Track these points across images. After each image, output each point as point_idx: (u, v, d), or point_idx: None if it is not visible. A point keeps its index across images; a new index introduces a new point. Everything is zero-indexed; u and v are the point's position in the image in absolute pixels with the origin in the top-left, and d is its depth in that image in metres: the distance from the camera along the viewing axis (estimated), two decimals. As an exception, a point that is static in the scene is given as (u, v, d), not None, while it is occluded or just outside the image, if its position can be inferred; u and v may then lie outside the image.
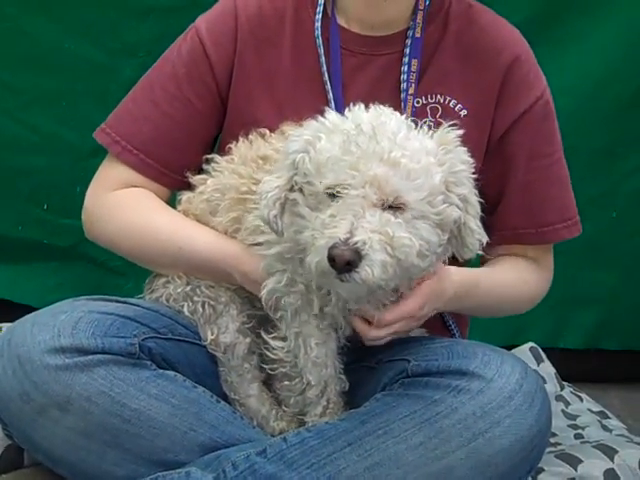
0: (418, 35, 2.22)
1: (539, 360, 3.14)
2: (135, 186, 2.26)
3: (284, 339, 1.98)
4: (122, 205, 2.24)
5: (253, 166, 2.04)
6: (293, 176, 1.77)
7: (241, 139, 2.13)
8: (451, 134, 1.79)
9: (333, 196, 1.70)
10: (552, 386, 3.06)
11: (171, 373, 1.97)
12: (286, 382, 2.01)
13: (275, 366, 2.02)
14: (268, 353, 2.01)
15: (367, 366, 2.10)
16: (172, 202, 2.29)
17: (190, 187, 2.22)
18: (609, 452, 2.31)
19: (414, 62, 2.21)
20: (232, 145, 2.14)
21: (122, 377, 1.89)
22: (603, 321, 3.62)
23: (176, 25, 2.40)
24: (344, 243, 1.63)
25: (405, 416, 1.84)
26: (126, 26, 3.06)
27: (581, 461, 2.29)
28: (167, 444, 1.91)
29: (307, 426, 1.96)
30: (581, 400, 3.03)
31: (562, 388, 3.08)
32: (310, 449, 1.85)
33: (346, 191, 1.68)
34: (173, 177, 2.24)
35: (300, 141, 1.78)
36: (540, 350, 3.19)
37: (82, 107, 3.04)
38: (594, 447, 2.36)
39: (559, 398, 3.01)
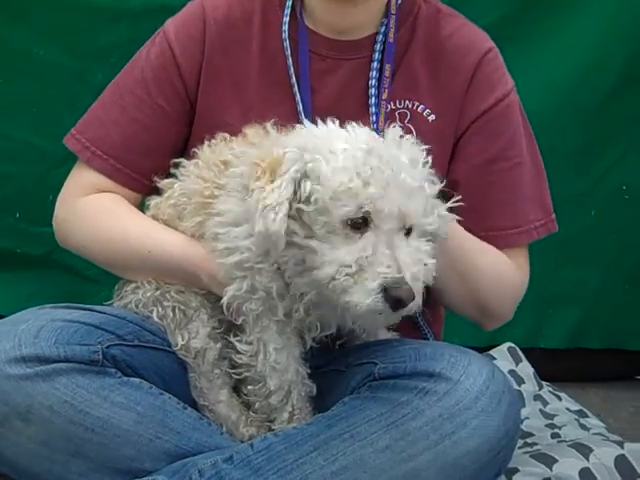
0: (391, 40, 2.21)
1: (517, 360, 3.12)
2: (105, 191, 2.25)
3: (249, 343, 1.97)
4: (92, 211, 2.23)
5: (215, 170, 2.03)
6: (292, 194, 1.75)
7: (205, 143, 2.11)
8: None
9: (356, 227, 1.70)
10: (531, 386, 3.05)
11: (136, 380, 1.94)
12: (251, 387, 2.00)
13: (241, 370, 2.00)
14: (234, 357, 2.00)
15: (336, 370, 2.08)
16: (143, 207, 2.28)
17: (160, 192, 2.19)
18: (584, 451, 2.29)
19: (387, 67, 2.20)
20: (196, 149, 2.13)
21: (85, 385, 1.86)
22: (584, 320, 3.63)
23: (148, 29, 2.38)
24: (403, 282, 1.65)
25: (371, 419, 1.82)
26: (97, 31, 3.07)
27: (556, 460, 2.25)
28: (132, 452, 1.89)
29: (274, 431, 1.94)
30: (560, 399, 3.02)
31: (541, 387, 3.07)
32: (277, 454, 1.84)
33: (376, 222, 1.69)
34: (143, 182, 2.23)
35: (299, 159, 1.75)
36: (518, 350, 3.17)
37: (53, 113, 3.02)
38: (569, 446, 2.33)
39: (537, 398, 3.00)
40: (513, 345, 3.19)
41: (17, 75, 3.06)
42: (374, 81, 2.19)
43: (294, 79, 2.21)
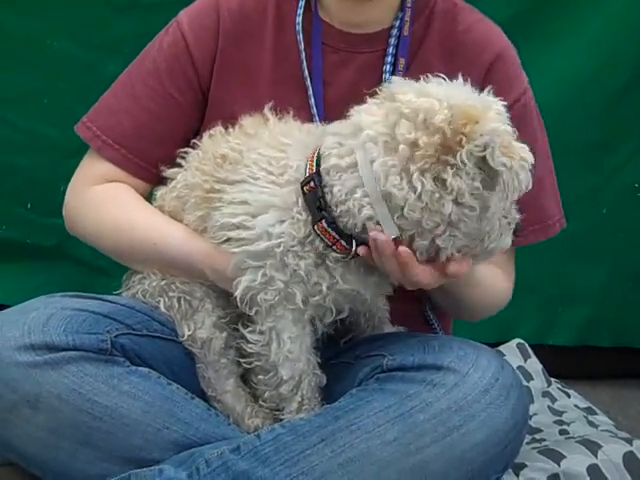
0: (406, 34, 2.20)
1: (526, 356, 3.12)
2: (115, 181, 2.25)
3: (261, 332, 1.96)
4: (100, 201, 2.23)
5: (214, 165, 2.03)
6: None
7: (206, 134, 2.12)
8: None
9: None
10: (539, 382, 3.04)
11: (145, 370, 1.94)
12: (261, 376, 2.00)
13: (252, 360, 2.00)
14: (244, 346, 1.99)
15: (345, 362, 2.09)
16: (152, 197, 2.29)
17: (166, 182, 2.21)
18: (593, 447, 2.28)
19: (401, 61, 2.19)
20: (197, 140, 2.13)
21: (93, 374, 1.86)
22: (593, 318, 3.61)
23: (159, 21, 2.37)
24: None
25: (379, 411, 1.81)
26: (108, 22, 3.06)
27: (564, 456, 2.26)
28: (140, 442, 1.89)
29: (282, 422, 1.94)
30: (568, 396, 3.01)
31: (549, 384, 3.06)
32: (283, 445, 1.83)
33: None
34: (153, 172, 2.22)
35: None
36: (527, 346, 3.17)
37: (65, 105, 3.02)
38: (578, 442, 2.33)
39: (546, 394, 2.99)
40: (522, 341, 3.19)
41: (29, 67, 3.05)
42: (388, 75, 2.18)
43: (306, 72, 2.20)
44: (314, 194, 1.84)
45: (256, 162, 1.96)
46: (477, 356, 1.87)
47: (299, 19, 2.22)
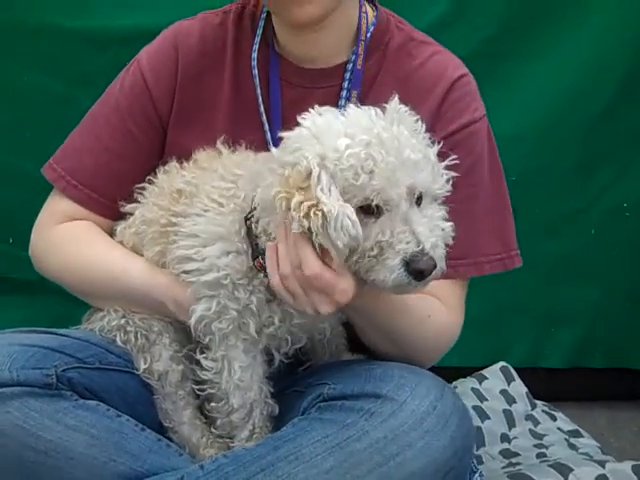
0: (359, 67, 2.21)
1: (510, 379, 3.11)
2: (79, 219, 2.28)
3: (214, 360, 2.00)
4: (63, 239, 2.26)
5: (170, 199, 2.06)
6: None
7: (160, 170, 2.15)
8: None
9: (370, 213, 1.72)
10: (522, 405, 3.04)
11: (92, 403, 1.96)
12: (214, 403, 2.02)
13: (205, 387, 2.03)
14: (199, 373, 2.02)
15: (297, 391, 2.09)
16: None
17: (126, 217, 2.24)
18: (564, 471, 2.30)
19: (354, 93, 2.19)
20: (151, 176, 2.17)
21: (37, 409, 1.88)
22: (585, 339, 3.58)
23: (134, 54, 2.40)
24: (423, 254, 1.68)
25: (317, 440, 1.81)
26: (85, 56, 3.09)
27: (534, 481, 2.23)
28: (85, 475, 1.90)
29: (225, 452, 1.95)
30: (554, 419, 3.01)
31: (534, 407, 3.05)
32: (225, 476, 1.84)
33: (387, 205, 1.71)
34: (117, 209, 2.25)
35: (319, 165, 1.74)
36: (511, 369, 3.16)
37: (43, 139, 3.01)
38: (549, 466, 2.34)
39: (529, 417, 2.99)
40: (506, 364, 3.18)
41: (7, 102, 3.10)
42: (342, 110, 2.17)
43: (262, 108, 2.21)
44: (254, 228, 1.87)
45: (208, 194, 2.00)
46: (417, 384, 1.86)
47: (254, 54, 2.24)
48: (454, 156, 1.87)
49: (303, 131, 1.80)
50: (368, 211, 1.73)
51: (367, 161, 1.70)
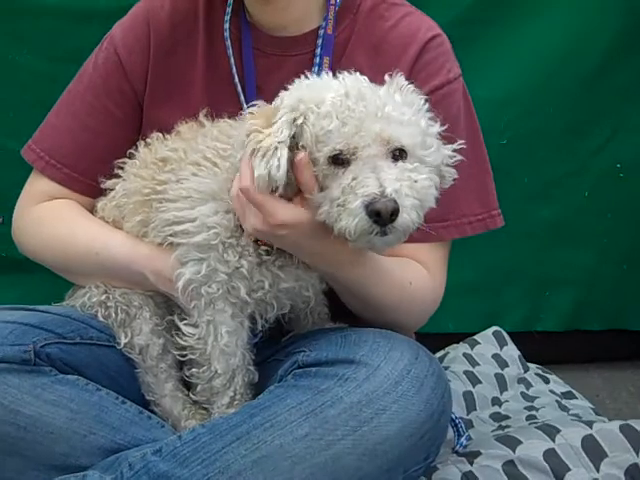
0: (330, 32, 2.20)
1: (502, 344, 3.11)
2: (60, 198, 2.29)
3: (195, 326, 2.00)
4: (44, 218, 2.28)
5: (154, 168, 2.06)
6: (291, 135, 1.77)
7: (141, 143, 2.15)
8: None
9: (339, 164, 1.73)
10: (515, 369, 3.04)
11: (72, 377, 1.97)
12: (195, 369, 2.03)
13: (185, 352, 2.04)
14: (179, 339, 2.03)
15: (277, 359, 2.10)
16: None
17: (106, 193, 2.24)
18: (551, 432, 2.26)
19: (326, 60, 2.19)
20: (132, 150, 2.16)
21: (16, 385, 1.89)
22: (581, 302, 3.60)
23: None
24: (382, 196, 1.66)
25: (292, 407, 1.82)
26: (67, 33, 3.09)
27: (520, 442, 2.24)
28: (66, 449, 1.91)
29: (203, 422, 1.96)
30: (547, 382, 3.00)
31: (526, 370, 3.05)
32: (202, 445, 1.84)
33: (356, 154, 1.71)
34: (97, 186, 2.26)
35: (295, 108, 1.78)
36: (504, 333, 3.15)
37: (30, 117, 3.01)
38: (537, 428, 2.31)
39: (521, 381, 2.99)
40: (499, 329, 3.17)
41: (-9, 81, 3.06)
42: (315, 76, 2.16)
43: (237, 78, 2.21)
44: None
45: (203, 153, 2.00)
46: (390, 348, 1.86)
47: (227, 25, 2.24)
48: (461, 141, 1.90)
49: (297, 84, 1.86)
50: (338, 162, 1.74)
51: (341, 108, 1.73)
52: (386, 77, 1.83)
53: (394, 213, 1.67)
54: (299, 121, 1.76)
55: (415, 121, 1.79)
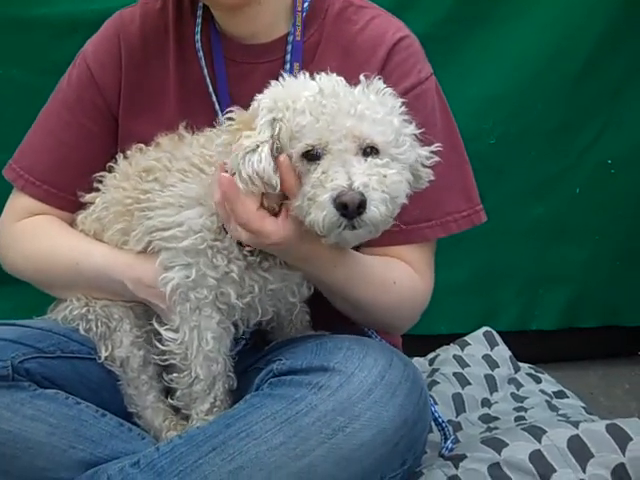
0: (298, 38, 2.20)
1: (493, 344, 3.10)
2: (40, 214, 2.30)
3: (176, 330, 2.00)
4: (25, 233, 2.28)
5: (137, 179, 2.08)
6: (273, 136, 1.79)
7: (120, 156, 2.16)
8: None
9: (312, 159, 1.75)
10: (506, 369, 3.03)
11: (51, 392, 1.98)
12: (175, 374, 2.04)
13: (165, 357, 2.04)
14: (159, 344, 2.03)
15: (257, 368, 2.10)
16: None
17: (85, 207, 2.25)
18: (537, 433, 2.25)
19: (296, 65, 2.19)
20: (112, 163, 2.18)
21: None
22: (576, 299, 3.60)
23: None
24: (350, 189, 1.67)
25: (267, 417, 1.82)
26: (53, 45, 3.08)
27: (506, 444, 2.22)
28: (46, 463, 1.92)
29: (180, 433, 1.97)
30: (538, 381, 2.99)
31: (517, 370, 3.03)
32: (179, 456, 1.85)
33: (327, 149, 1.73)
34: (77, 201, 2.27)
35: (274, 108, 1.81)
36: (495, 334, 3.14)
37: (17, 131, 3.03)
38: (523, 429, 2.30)
39: (512, 381, 2.98)
40: (489, 329, 3.16)
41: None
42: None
43: (210, 88, 2.22)
44: None
45: (190, 159, 2.01)
46: (364, 355, 1.86)
47: (197, 36, 2.25)
48: (438, 143, 1.91)
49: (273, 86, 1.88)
50: (311, 158, 1.76)
51: (314, 104, 1.75)
52: (361, 77, 1.84)
53: (361, 205, 1.68)
54: (278, 116, 1.79)
55: (389, 120, 1.80)
